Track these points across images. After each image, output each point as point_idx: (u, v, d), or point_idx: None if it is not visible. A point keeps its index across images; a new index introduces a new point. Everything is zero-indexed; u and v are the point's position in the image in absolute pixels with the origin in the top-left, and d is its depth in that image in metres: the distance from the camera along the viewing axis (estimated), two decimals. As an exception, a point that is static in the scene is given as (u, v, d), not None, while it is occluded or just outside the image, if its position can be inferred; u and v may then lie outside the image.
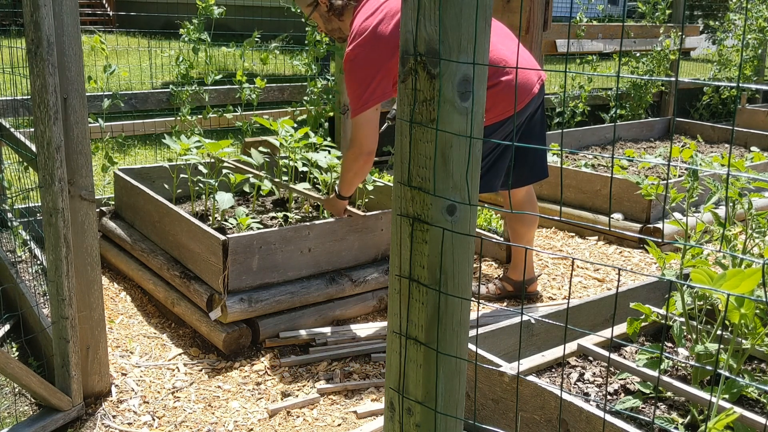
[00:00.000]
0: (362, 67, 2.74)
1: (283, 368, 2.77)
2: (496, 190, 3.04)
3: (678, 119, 6.78)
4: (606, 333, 2.41)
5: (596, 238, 4.29)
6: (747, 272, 1.52)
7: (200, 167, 3.52)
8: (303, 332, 2.94)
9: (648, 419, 1.95)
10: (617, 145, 5.84)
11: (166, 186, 3.77)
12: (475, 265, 3.75)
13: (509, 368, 2.06)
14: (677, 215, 2.26)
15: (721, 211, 3.58)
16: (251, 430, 2.40)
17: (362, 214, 3.21)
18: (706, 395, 1.91)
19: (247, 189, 3.46)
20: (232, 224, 3.23)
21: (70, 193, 2.25)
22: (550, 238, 4.33)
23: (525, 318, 2.37)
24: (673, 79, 7.03)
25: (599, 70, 7.03)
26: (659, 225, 4.06)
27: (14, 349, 2.76)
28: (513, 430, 2.03)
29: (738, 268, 2.05)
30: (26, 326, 2.79)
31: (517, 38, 3.11)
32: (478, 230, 4.04)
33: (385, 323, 3.12)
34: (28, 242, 3.32)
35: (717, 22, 8.51)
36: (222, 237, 2.78)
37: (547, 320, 1.76)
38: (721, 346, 2.08)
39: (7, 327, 2.84)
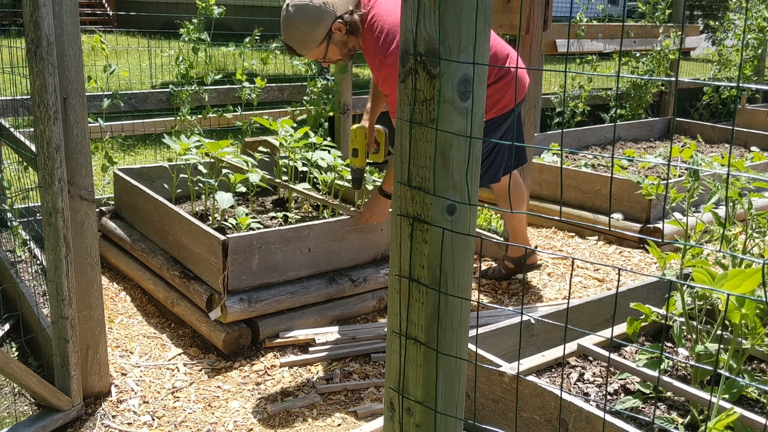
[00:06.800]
0: None
1: (283, 368, 2.76)
2: (499, 180, 3.18)
3: (678, 119, 6.78)
4: (606, 333, 2.41)
5: (596, 238, 4.29)
6: (748, 272, 1.52)
7: (200, 167, 3.52)
8: (303, 332, 2.94)
9: (648, 419, 1.95)
10: (617, 145, 5.84)
11: (166, 186, 3.77)
12: (475, 265, 3.75)
13: (509, 368, 2.06)
14: (677, 215, 2.26)
15: (721, 211, 3.58)
16: (251, 430, 2.40)
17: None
18: (706, 395, 1.90)
19: (242, 189, 3.46)
20: (231, 224, 3.23)
21: (69, 193, 2.25)
22: (550, 238, 4.33)
23: (525, 318, 2.37)
24: (673, 79, 7.03)
25: (599, 70, 7.03)
26: (659, 225, 4.06)
27: (14, 349, 2.75)
28: (513, 430, 2.03)
29: (739, 268, 2.05)
30: (26, 326, 2.79)
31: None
32: (478, 230, 4.04)
33: (385, 323, 3.12)
34: (28, 242, 3.32)
35: (717, 22, 8.51)
36: (222, 237, 2.78)
37: (547, 320, 1.76)
38: (721, 346, 2.08)
39: (6, 327, 2.84)
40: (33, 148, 2.33)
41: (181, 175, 3.72)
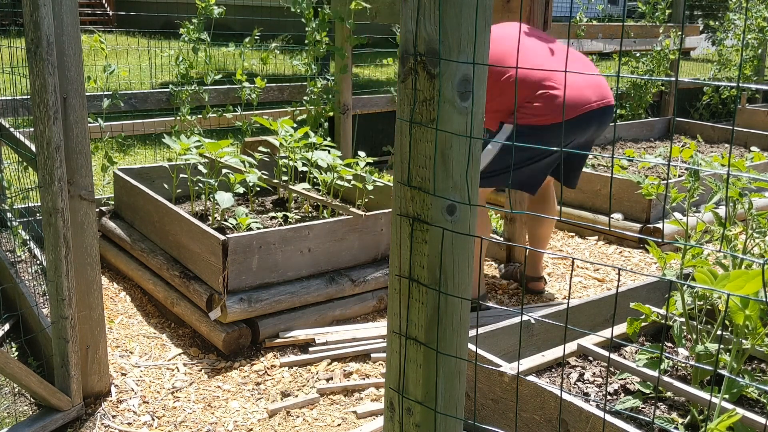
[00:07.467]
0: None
1: (283, 368, 2.76)
2: (535, 193, 3.10)
3: (678, 119, 6.78)
4: (606, 333, 2.41)
5: (596, 238, 4.29)
6: (751, 273, 1.52)
7: (200, 167, 3.52)
8: (303, 332, 2.94)
9: (648, 419, 1.95)
10: (617, 145, 5.83)
11: (166, 186, 3.77)
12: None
13: (509, 368, 2.05)
14: (677, 215, 2.26)
15: (722, 211, 3.58)
16: (251, 430, 2.40)
17: (362, 214, 3.21)
18: (706, 395, 1.90)
19: (241, 190, 3.46)
20: (231, 224, 3.22)
21: (69, 193, 2.25)
22: (550, 238, 4.32)
23: (525, 318, 2.37)
24: (673, 79, 7.03)
25: (599, 70, 7.02)
26: (659, 225, 4.06)
27: (14, 349, 2.75)
28: (513, 430, 2.02)
29: (739, 268, 2.05)
30: (26, 326, 2.79)
31: (592, 65, 3.25)
32: (478, 230, 4.03)
33: (385, 323, 3.11)
34: (28, 242, 3.32)
35: (717, 22, 8.51)
36: (222, 237, 2.78)
37: (547, 320, 1.76)
38: (721, 346, 2.08)
39: (6, 327, 2.83)
40: (33, 148, 2.33)
41: (181, 175, 3.72)
